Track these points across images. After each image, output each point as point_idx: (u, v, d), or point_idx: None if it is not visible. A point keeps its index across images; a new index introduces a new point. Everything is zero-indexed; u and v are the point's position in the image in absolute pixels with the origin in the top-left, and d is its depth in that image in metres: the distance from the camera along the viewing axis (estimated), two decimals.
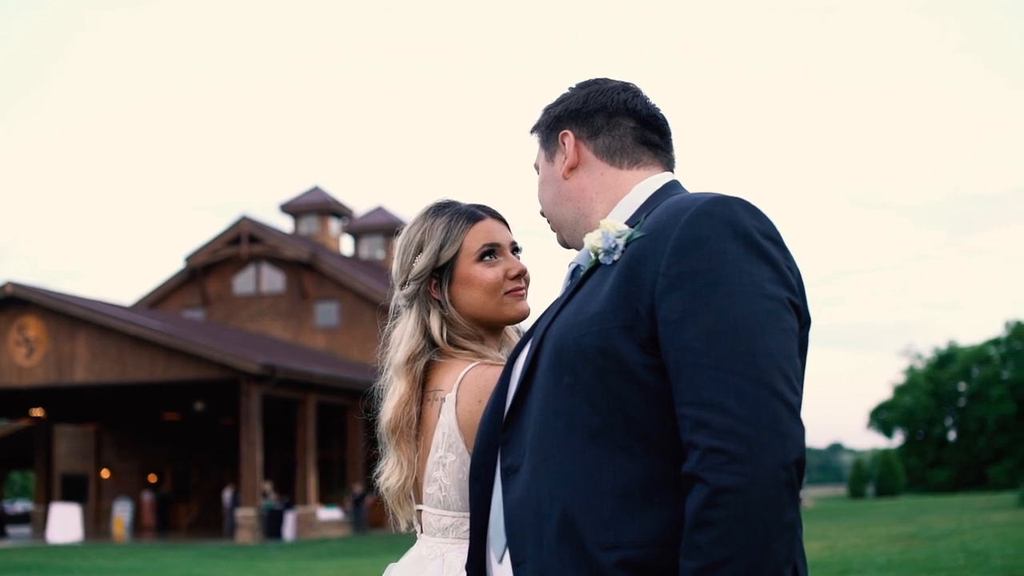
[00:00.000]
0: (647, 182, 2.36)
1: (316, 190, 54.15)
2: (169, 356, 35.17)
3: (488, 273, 2.75)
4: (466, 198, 2.88)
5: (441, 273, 2.77)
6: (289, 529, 36.75)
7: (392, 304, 2.89)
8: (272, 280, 49.16)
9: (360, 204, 62.94)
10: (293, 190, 54.61)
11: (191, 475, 49.14)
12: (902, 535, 19.13)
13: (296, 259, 47.61)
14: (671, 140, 2.47)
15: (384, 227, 55.69)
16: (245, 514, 34.77)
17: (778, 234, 2.09)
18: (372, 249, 56.06)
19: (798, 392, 1.98)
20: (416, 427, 2.72)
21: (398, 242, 2.86)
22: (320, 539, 35.83)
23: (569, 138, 2.41)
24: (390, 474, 2.74)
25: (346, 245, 56.10)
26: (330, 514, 39.58)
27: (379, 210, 56.48)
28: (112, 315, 36.15)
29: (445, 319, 2.76)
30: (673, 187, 2.34)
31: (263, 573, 22.03)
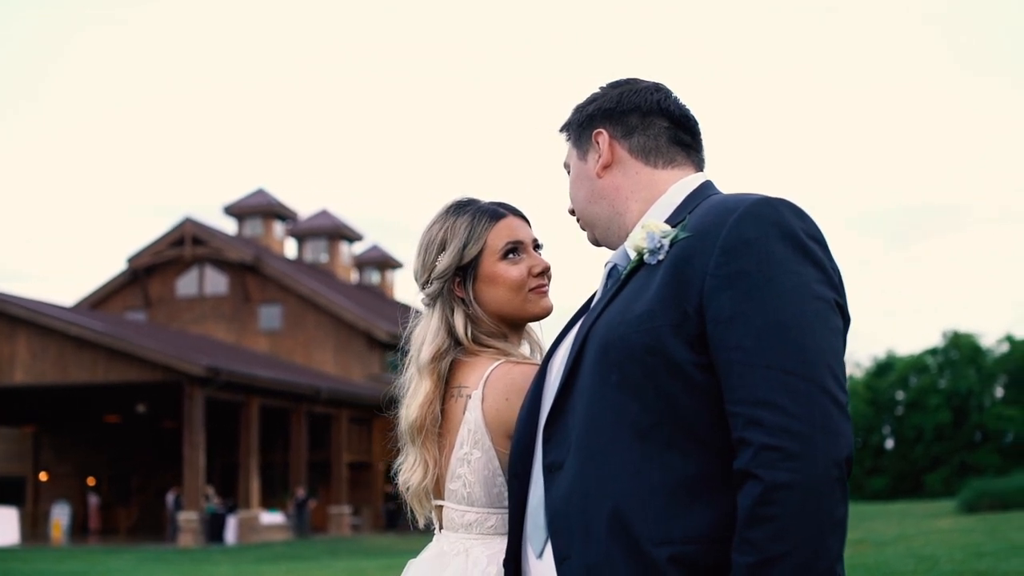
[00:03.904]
0: (683, 182, 2.38)
1: (260, 192, 53.82)
2: (111, 358, 34.76)
3: (512, 270, 2.75)
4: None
5: (465, 271, 2.77)
6: (231, 533, 36.45)
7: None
8: (215, 282, 48.83)
9: (304, 207, 62.69)
10: (237, 192, 54.33)
11: (131, 478, 48.61)
12: (850, 541, 19.28)
13: (240, 261, 47.33)
14: (701, 140, 2.50)
15: (328, 230, 55.52)
16: (187, 518, 34.44)
17: (822, 235, 2.12)
18: (316, 252, 55.86)
19: (846, 390, 2.01)
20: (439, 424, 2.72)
21: (418, 241, 2.85)
22: (262, 543, 35.55)
23: (603, 137, 2.42)
24: (412, 472, 2.72)
25: (290, 248, 55.84)
26: (272, 518, 39.31)
27: (323, 213, 56.27)
28: (53, 315, 35.66)
29: (469, 317, 2.76)
30: (708, 187, 2.37)
31: None
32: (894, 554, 15.88)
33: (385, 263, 60.08)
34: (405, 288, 65.45)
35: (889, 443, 76.11)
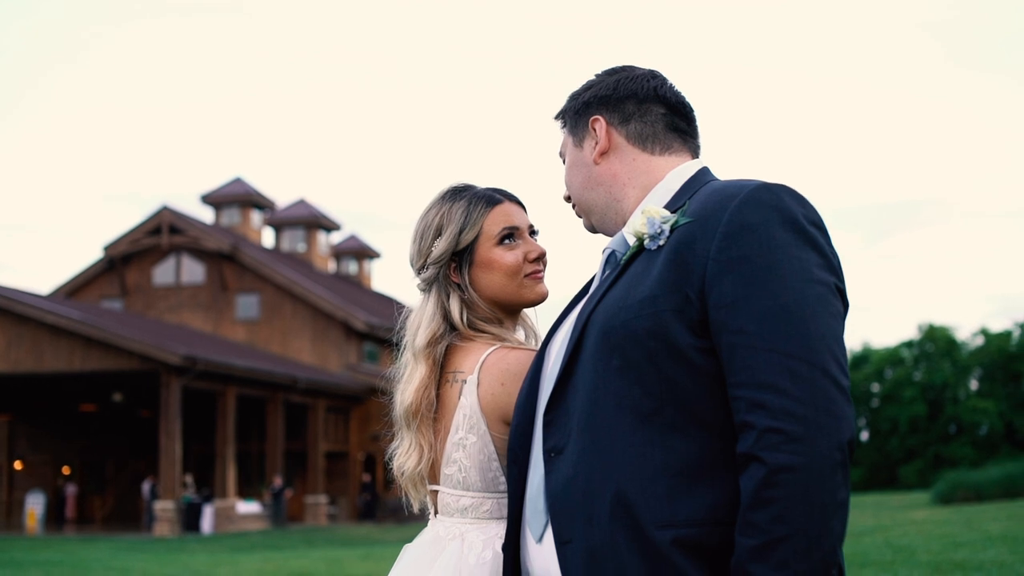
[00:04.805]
0: (681, 168, 2.39)
1: (238, 181, 53.63)
2: (87, 346, 34.60)
3: (508, 256, 2.75)
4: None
5: (460, 257, 2.77)
6: (207, 522, 36.37)
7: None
8: (192, 271, 48.64)
9: (282, 196, 62.44)
10: (214, 181, 54.20)
11: (107, 467, 48.41)
12: None
13: (217, 250, 47.15)
14: (697, 127, 2.50)
15: (306, 220, 55.37)
16: (163, 507, 34.34)
17: (822, 221, 2.13)
18: (293, 242, 55.71)
19: (848, 374, 2.02)
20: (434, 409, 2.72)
21: (414, 226, 2.85)
22: (239, 532, 35.51)
23: (600, 124, 2.43)
24: (407, 457, 2.72)
25: (267, 237, 55.70)
26: (249, 507, 39.22)
27: (301, 203, 56.11)
28: (29, 303, 35.45)
29: (465, 302, 2.76)
30: (706, 174, 2.38)
31: (185, 566, 21.78)
32: (872, 544, 15.96)
33: (363, 253, 59.98)
34: (383, 278, 65.44)
35: (864, 435, 76.43)
